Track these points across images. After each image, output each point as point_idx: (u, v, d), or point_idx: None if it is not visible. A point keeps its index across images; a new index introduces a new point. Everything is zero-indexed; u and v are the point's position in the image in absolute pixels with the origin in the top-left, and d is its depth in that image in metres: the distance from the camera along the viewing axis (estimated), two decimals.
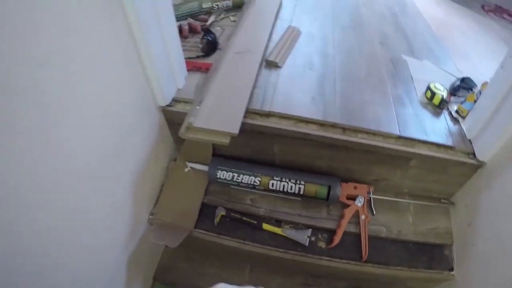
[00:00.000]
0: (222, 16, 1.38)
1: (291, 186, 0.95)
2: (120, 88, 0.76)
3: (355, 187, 1.01)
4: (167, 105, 0.97)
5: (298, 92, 1.00)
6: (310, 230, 0.96)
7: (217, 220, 0.98)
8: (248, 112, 0.93)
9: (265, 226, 0.97)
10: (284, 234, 0.96)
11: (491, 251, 0.87)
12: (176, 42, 0.94)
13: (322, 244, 0.96)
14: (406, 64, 1.22)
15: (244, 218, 0.98)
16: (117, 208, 0.85)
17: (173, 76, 0.97)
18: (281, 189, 0.97)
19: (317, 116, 0.93)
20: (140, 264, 1.04)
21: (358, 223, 0.98)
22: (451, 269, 0.98)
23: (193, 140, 1.01)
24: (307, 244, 0.94)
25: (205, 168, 1.02)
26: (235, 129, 0.84)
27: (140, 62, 0.82)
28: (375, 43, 1.29)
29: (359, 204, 0.99)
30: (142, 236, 1.00)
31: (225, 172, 0.98)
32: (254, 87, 0.99)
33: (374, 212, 1.00)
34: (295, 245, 0.95)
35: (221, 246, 0.98)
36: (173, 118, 0.99)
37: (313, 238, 0.96)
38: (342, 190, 0.98)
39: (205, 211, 1.01)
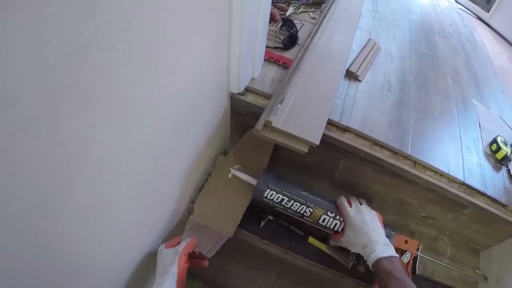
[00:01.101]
0: (301, 9, 1.33)
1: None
2: (203, 63, 0.70)
3: (406, 242, 0.95)
4: (239, 93, 0.93)
5: (376, 114, 0.98)
6: (354, 254, 0.95)
7: (263, 223, 0.96)
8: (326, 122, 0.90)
9: (311, 240, 0.95)
10: (328, 252, 0.94)
11: None
12: (265, 25, 0.88)
13: (361, 269, 0.95)
14: (475, 109, 1.20)
15: (291, 227, 0.96)
16: (168, 191, 0.80)
17: (252, 63, 0.93)
18: (331, 227, 0.87)
19: (393, 144, 0.91)
20: None
21: None
22: None
23: (251, 142, 0.97)
24: (349, 267, 0.93)
25: (252, 181, 0.90)
26: (316, 139, 0.79)
27: (227, 44, 0.76)
28: (448, 79, 1.26)
29: (405, 260, 0.93)
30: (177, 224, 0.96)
31: (274, 192, 0.87)
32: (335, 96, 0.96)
33: (416, 273, 0.94)
34: (336, 264, 0.94)
35: (261, 251, 0.96)
36: (240, 107, 0.96)
37: (355, 261, 0.95)
38: (394, 241, 0.93)
39: (251, 211, 0.96)
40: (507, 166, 1.07)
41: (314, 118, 0.86)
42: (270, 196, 0.87)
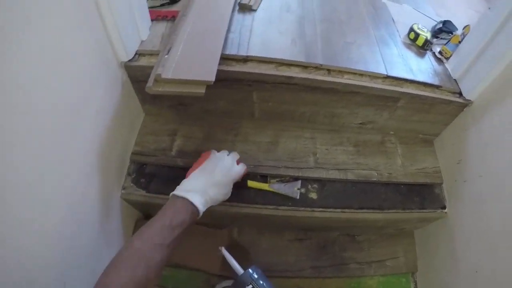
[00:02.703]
0: None
1: None
2: (72, 43, 0.62)
3: None
4: (130, 60, 0.85)
5: (276, 35, 0.92)
6: (299, 182, 0.89)
7: None
8: (223, 59, 0.83)
9: (250, 183, 0.89)
10: (272, 190, 0.89)
11: (482, 185, 0.86)
12: None
13: (313, 195, 0.90)
14: (385, 7, 1.16)
15: None
16: (82, 187, 0.72)
17: (136, 27, 0.86)
18: None
19: (300, 58, 0.86)
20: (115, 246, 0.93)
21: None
22: (444, 207, 0.97)
23: None
24: (298, 197, 0.87)
25: (238, 269, 0.77)
26: (210, 76, 0.73)
27: (98, 11, 0.70)
28: None
29: None
30: (117, 217, 0.90)
31: None
32: (228, 31, 0.89)
33: None
34: (284, 199, 0.89)
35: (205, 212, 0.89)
36: (137, 74, 0.87)
37: (303, 190, 0.90)
38: None
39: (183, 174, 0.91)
40: (431, 50, 1.03)
41: (206, 58, 0.79)
42: None
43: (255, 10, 0.99)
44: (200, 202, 0.66)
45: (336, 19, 1.02)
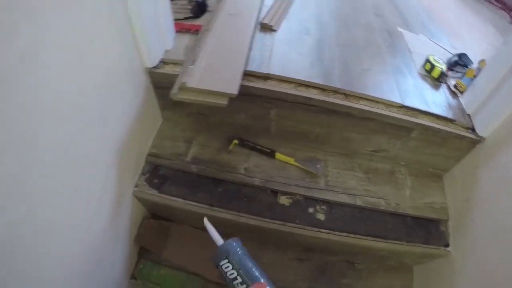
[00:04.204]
0: None
1: None
2: (104, 46, 0.65)
3: None
4: (154, 67, 0.87)
5: (296, 56, 0.93)
6: (322, 162, 0.93)
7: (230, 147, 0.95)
8: (245, 74, 0.85)
9: (278, 156, 0.96)
10: (297, 164, 0.94)
11: (491, 227, 0.83)
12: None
13: (321, 216, 0.90)
14: (402, 36, 1.18)
15: (258, 146, 0.96)
16: (100, 179, 0.74)
17: (161, 36, 0.88)
18: None
19: (318, 81, 0.87)
20: (122, 240, 0.94)
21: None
22: (447, 245, 0.95)
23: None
24: (320, 174, 0.90)
25: (217, 240, 0.72)
26: (233, 89, 0.75)
27: (127, 18, 0.72)
28: (370, 14, 1.24)
29: None
30: (126, 212, 0.91)
31: (230, 266, 0.66)
32: (249, 49, 0.91)
33: None
34: (293, 216, 0.88)
35: (214, 219, 0.89)
36: (160, 81, 0.89)
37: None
38: None
39: (198, 182, 0.92)
40: (446, 83, 1.04)
41: (230, 72, 0.82)
42: (225, 268, 0.68)
43: (275, 31, 1.01)
44: None
45: (354, 45, 1.04)
